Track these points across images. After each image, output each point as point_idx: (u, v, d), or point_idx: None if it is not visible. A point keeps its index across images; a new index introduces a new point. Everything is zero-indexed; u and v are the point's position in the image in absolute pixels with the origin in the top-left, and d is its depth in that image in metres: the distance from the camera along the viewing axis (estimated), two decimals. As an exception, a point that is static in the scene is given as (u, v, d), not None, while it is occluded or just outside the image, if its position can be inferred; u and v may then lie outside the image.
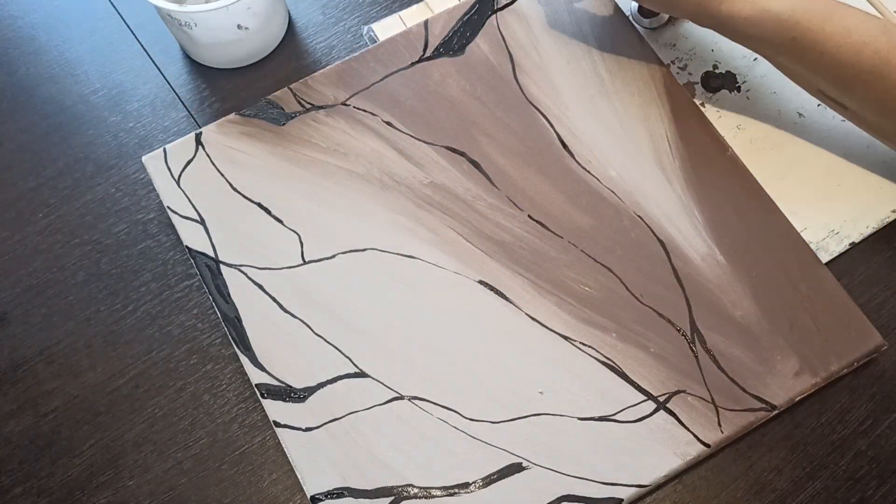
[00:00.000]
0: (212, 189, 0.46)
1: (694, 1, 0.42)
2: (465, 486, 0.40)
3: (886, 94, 0.41)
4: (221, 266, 0.44)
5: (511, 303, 0.43)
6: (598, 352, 0.42)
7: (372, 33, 0.52)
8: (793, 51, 0.42)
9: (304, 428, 0.41)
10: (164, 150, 0.47)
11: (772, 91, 0.49)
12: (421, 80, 0.48)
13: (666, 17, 0.51)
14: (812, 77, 0.43)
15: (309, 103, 0.48)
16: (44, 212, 0.48)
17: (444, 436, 0.41)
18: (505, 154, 0.47)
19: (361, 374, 0.42)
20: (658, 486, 0.41)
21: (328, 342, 0.43)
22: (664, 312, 0.43)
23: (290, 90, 0.48)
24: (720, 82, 0.50)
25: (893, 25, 0.41)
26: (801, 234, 0.45)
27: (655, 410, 0.41)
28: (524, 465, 0.40)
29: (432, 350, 0.43)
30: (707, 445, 0.40)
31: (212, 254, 0.45)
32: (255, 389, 0.42)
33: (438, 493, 0.40)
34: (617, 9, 0.50)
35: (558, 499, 0.40)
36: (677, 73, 0.50)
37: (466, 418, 0.41)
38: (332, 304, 0.44)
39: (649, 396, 0.41)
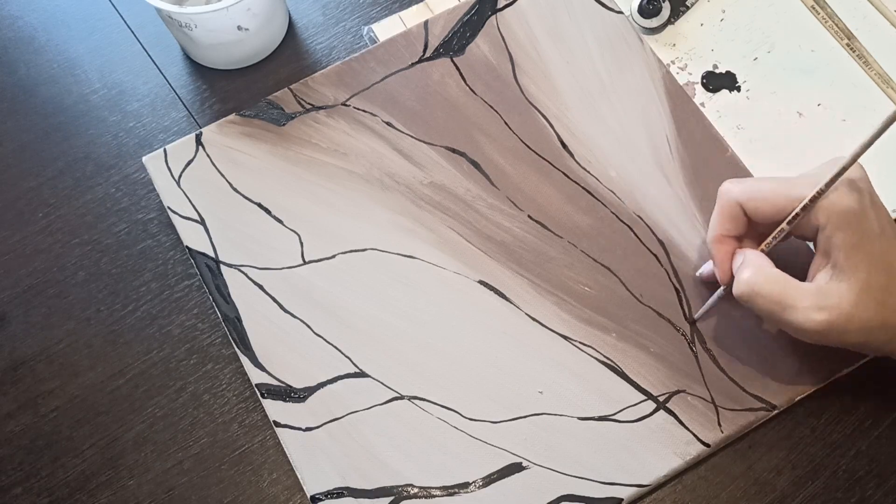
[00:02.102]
0: (212, 189, 0.46)
1: (890, 349, 0.38)
2: (465, 485, 0.40)
3: None
4: (221, 266, 0.44)
5: (511, 303, 0.43)
6: (598, 351, 0.42)
7: (372, 34, 0.52)
8: None
9: (304, 428, 0.41)
10: (165, 151, 0.47)
11: (772, 91, 0.49)
12: (421, 81, 0.48)
13: (666, 16, 0.51)
14: None
15: (309, 104, 0.48)
16: (44, 211, 0.48)
17: (444, 436, 0.41)
18: (505, 154, 0.47)
19: (361, 374, 0.42)
20: (658, 486, 0.41)
21: (328, 342, 0.43)
22: (664, 312, 0.43)
23: (291, 91, 0.48)
24: (720, 82, 0.50)
25: None
26: (801, 234, 0.45)
27: (655, 410, 0.41)
28: (524, 464, 0.40)
29: (432, 350, 0.43)
30: (707, 445, 0.40)
31: (212, 254, 0.45)
32: (255, 389, 0.42)
33: (438, 492, 0.40)
34: (617, 9, 0.50)
35: (558, 498, 0.40)
36: (677, 73, 0.50)
37: (466, 418, 0.41)
38: (332, 303, 0.44)
39: (649, 396, 0.41)
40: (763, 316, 0.38)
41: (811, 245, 0.39)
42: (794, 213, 0.36)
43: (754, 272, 0.37)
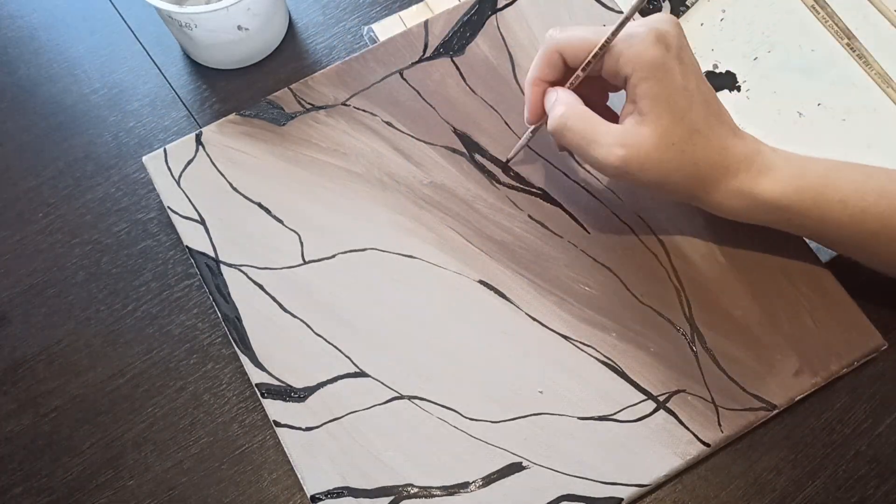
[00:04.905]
0: (212, 189, 0.46)
1: (686, 194, 0.40)
2: (465, 485, 0.40)
3: (893, 255, 0.39)
4: (221, 266, 0.44)
5: (511, 303, 0.43)
6: (598, 351, 0.42)
7: (372, 33, 0.52)
8: (792, 229, 0.41)
9: (304, 427, 0.41)
10: (165, 150, 0.47)
11: (772, 91, 0.49)
12: (421, 80, 0.48)
13: (666, 17, 0.51)
14: (819, 243, 0.43)
15: (309, 103, 0.48)
16: (44, 211, 0.48)
17: (444, 435, 0.41)
18: (505, 154, 0.47)
19: (361, 374, 0.42)
20: (658, 486, 0.41)
21: (328, 342, 0.43)
22: (664, 312, 0.43)
23: (291, 90, 0.48)
24: (720, 82, 0.50)
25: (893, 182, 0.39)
26: (801, 234, 0.45)
27: (655, 410, 0.41)
28: (524, 464, 0.40)
29: (432, 350, 0.43)
30: (707, 445, 0.40)
31: (212, 254, 0.45)
32: (255, 389, 0.42)
33: (438, 492, 0.40)
34: (617, 9, 0.50)
35: (558, 498, 0.40)
36: (677, 74, 0.50)
37: (466, 418, 0.41)
38: (332, 303, 0.44)
39: (649, 396, 0.41)
40: (572, 150, 0.41)
41: None
42: (585, 62, 0.39)
43: (566, 109, 0.39)
